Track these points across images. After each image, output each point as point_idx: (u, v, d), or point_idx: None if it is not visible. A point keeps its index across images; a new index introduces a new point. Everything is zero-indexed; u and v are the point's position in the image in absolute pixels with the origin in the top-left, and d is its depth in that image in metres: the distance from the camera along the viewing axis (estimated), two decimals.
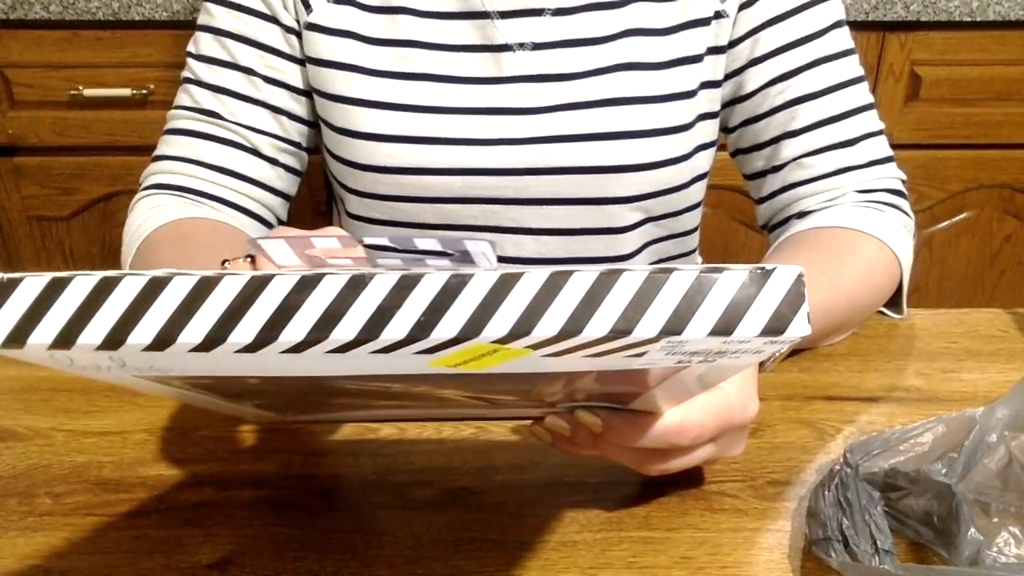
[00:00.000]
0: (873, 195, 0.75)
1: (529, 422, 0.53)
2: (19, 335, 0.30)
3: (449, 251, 0.37)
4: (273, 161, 0.79)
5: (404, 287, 0.30)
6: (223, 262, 0.50)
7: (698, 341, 0.31)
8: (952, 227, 1.57)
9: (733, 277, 0.31)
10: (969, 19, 1.39)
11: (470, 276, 0.30)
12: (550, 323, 0.30)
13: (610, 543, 0.52)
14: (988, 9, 1.38)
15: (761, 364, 0.63)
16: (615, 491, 0.56)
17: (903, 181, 0.78)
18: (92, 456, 0.60)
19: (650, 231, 0.81)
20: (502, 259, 0.80)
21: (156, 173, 0.78)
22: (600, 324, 0.30)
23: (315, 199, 1.49)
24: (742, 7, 0.75)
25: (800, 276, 0.31)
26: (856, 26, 0.76)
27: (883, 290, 0.71)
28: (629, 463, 0.51)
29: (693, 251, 0.89)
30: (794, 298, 0.31)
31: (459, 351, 0.31)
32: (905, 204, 0.76)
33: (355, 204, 0.81)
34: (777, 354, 0.63)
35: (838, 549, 0.47)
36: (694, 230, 0.87)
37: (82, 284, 0.30)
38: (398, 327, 0.30)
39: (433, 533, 0.53)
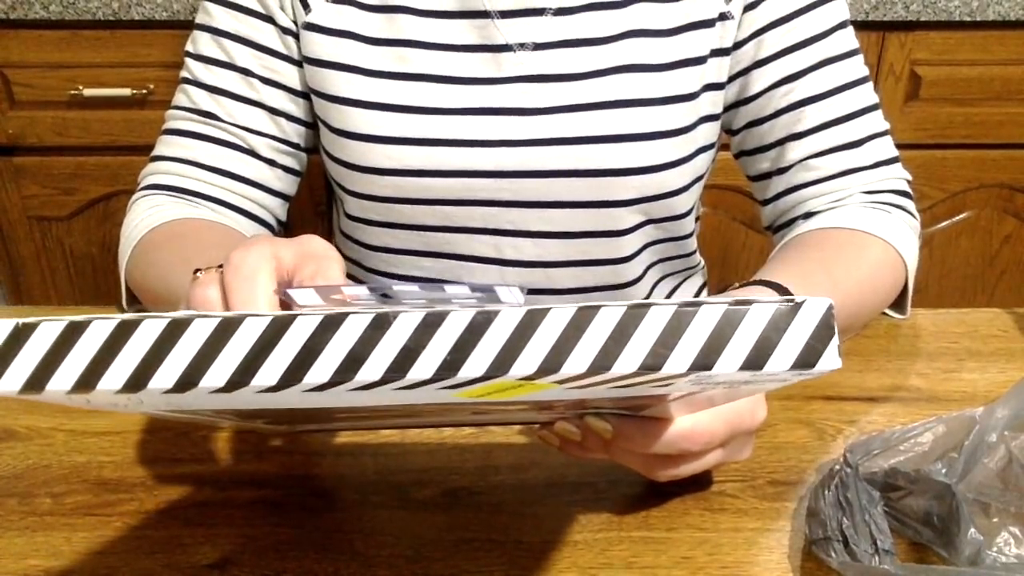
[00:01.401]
0: (879, 196, 0.75)
1: (536, 426, 0.53)
2: (37, 381, 0.29)
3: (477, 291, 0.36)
4: (271, 162, 0.79)
5: (429, 325, 0.29)
6: (195, 271, 0.49)
7: (728, 375, 0.30)
8: (952, 227, 1.57)
9: (762, 311, 0.30)
10: (969, 19, 1.39)
11: (496, 313, 0.29)
12: (578, 360, 0.29)
13: (610, 543, 0.52)
14: (988, 9, 1.37)
15: None
16: (615, 491, 0.56)
17: (908, 181, 0.78)
18: (92, 456, 0.60)
19: (650, 233, 0.81)
20: (500, 262, 0.80)
21: (153, 173, 0.78)
22: (629, 361, 0.29)
23: (315, 199, 1.49)
24: (747, 8, 0.75)
25: (830, 308, 0.30)
26: (856, 26, 0.75)
27: (888, 291, 0.71)
28: (638, 468, 0.51)
29: (693, 252, 0.89)
30: (824, 331, 0.30)
31: (484, 386, 0.31)
32: (911, 205, 0.76)
33: (354, 205, 0.80)
34: None
35: (838, 549, 0.47)
36: (693, 232, 0.87)
37: (100, 328, 0.30)
38: (424, 367, 0.29)
39: (433, 533, 0.53)
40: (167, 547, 0.52)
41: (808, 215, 0.76)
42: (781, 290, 0.62)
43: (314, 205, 1.50)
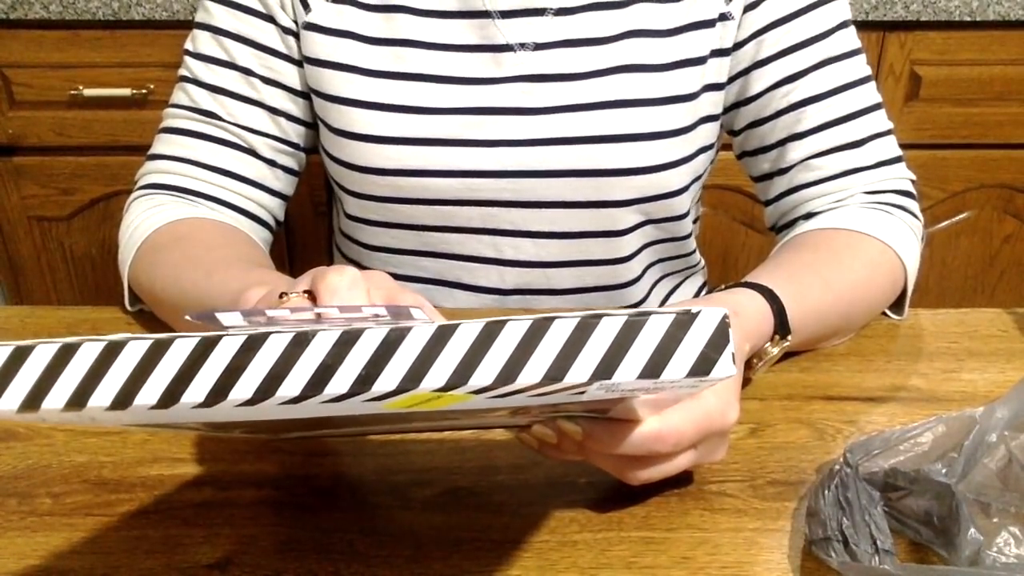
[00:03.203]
0: (881, 196, 0.75)
1: (516, 430, 0.53)
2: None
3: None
4: (271, 162, 0.79)
5: (345, 343, 0.31)
6: (281, 295, 0.50)
7: (629, 383, 0.32)
8: (952, 227, 1.57)
9: (659, 321, 0.32)
10: (969, 19, 1.39)
11: (408, 329, 0.31)
12: (485, 373, 0.31)
13: (610, 543, 0.52)
14: (988, 9, 1.37)
15: (749, 367, 0.63)
16: (615, 491, 0.56)
17: (912, 181, 0.77)
18: (92, 456, 0.60)
19: (649, 233, 0.81)
20: (500, 262, 0.80)
21: (152, 172, 0.78)
22: (533, 372, 0.31)
23: (315, 199, 1.49)
24: (747, 9, 0.75)
25: (724, 318, 0.32)
26: (856, 26, 0.75)
27: (884, 293, 0.71)
28: (611, 471, 0.51)
29: (692, 252, 0.89)
30: (719, 339, 0.32)
31: (404, 398, 0.32)
32: (913, 205, 0.76)
33: (353, 205, 0.80)
34: (765, 360, 0.63)
35: (838, 549, 0.47)
36: (691, 232, 0.87)
37: (45, 352, 0.31)
38: (340, 382, 0.31)
39: (433, 533, 0.53)
40: (167, 547, 0.52)
41: (809, 215, 0.76)
42: (766, 292, 0.62)
43: (314, 205, 1.50)
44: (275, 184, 0.80)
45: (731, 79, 0.78)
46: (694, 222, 0.88)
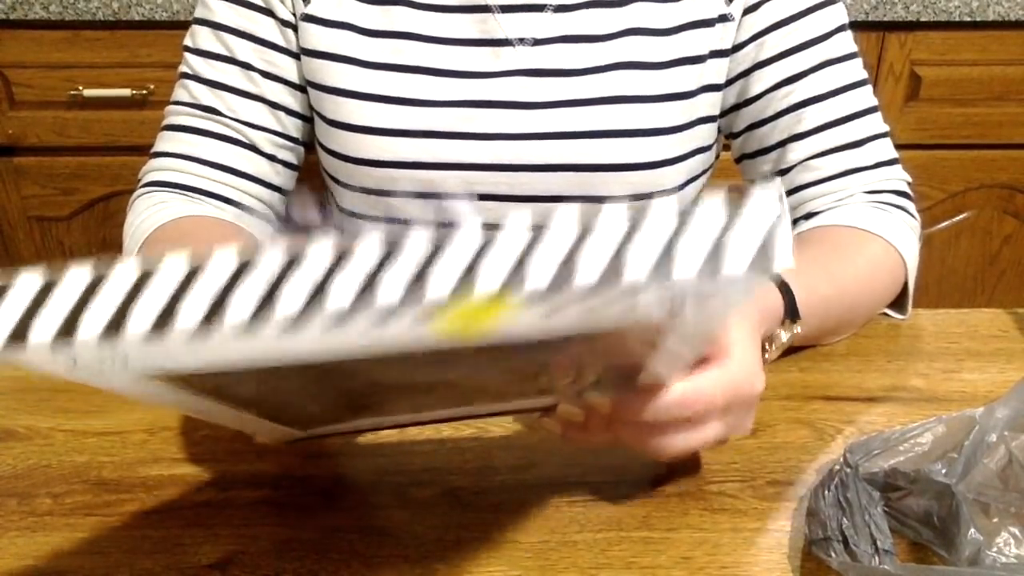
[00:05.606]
0: (880, 196, 0.75)
1: (536, 415, 0.53)
2: (20, 333, 0.30)
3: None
4: (271, 157, 0.79)
5: (390, 251, 0.30)
6: None
7: (687, 282, 0.31)
8: (952, 227, 1.57)
9: (712, 210, 0.31)
10: (969, 19, 1.39)
11: (453, 236, 0.30)
12: (540, 275, 0.30)
13: (610, 543, 0.52)
14: (988, 9, 1.37)
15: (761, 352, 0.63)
16: (615, 491, 0.56)
17: (908, 183, 0.78)
18: (92, 456, 0.60)
19: None
20: None
21: (155, 170, 0.78)
22: (589, 272, 0.30)
23: (314, 198, 1.49)
24: (747, 11, 0.75)
25: (778, 218, 0.31)
26: (856, 26, 0.76)
27: (886, 290, 0.71)
28: (640, 445, 0.50)
29: None
30: (779, 231, 0.31)
31: (455, 315, 0.31)
32: (911, 206, 0.76)
33: (347, 198, 0.80)
34: (776, 346, 0.63)
35: (838, 549, 0.47)
36: None
37: (76, 279, 0.30)
38: (392, 287, 0.30)
39: (433, 533, 0.53)
40: (167, 547, 0.52)
41: (809, 215, 0.76)
42: (775, 279, 0.62)
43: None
44: (275, 179, 0.80)
45: (730, 81, 0.78)
46: None
